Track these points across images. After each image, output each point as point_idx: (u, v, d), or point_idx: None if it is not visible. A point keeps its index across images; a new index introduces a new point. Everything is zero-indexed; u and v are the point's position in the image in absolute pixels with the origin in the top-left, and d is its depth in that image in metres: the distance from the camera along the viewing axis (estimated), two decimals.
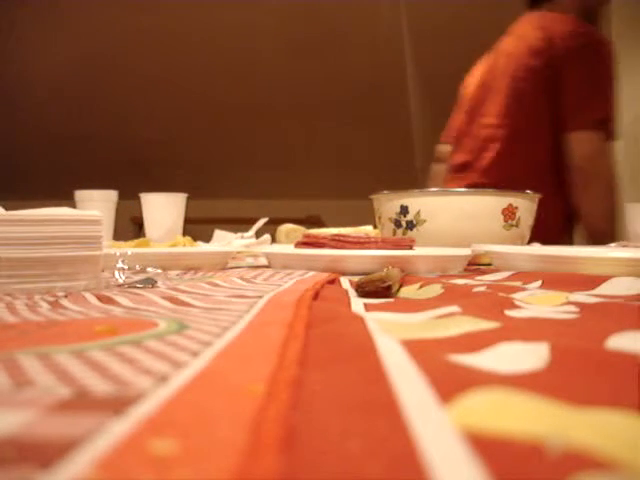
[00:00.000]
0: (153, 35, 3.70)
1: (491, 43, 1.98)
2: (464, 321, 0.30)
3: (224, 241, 1.20)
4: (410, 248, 0.72)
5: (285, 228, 1.23)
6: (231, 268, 0.76)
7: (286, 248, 0.81)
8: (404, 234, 0.88)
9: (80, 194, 1.24)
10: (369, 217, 1.04)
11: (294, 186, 4.61)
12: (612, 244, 1.04)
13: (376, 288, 0.45)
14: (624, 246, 1.03)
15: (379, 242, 0.73)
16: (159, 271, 0.63)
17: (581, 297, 0.40)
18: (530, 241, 0.95)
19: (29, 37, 3.65)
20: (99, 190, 1.25)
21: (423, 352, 0.23)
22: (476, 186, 1.22)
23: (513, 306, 0.36)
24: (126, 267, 0.57)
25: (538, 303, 0.38)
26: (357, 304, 0.40)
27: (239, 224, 1.91)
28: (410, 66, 3.83)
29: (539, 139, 1.42)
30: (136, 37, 3.70)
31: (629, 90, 3.00)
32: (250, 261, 0.93)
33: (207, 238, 1.27)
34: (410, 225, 0.88)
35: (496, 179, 1.30)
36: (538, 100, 1.40)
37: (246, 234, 1.22)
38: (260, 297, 0.38)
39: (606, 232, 1.39)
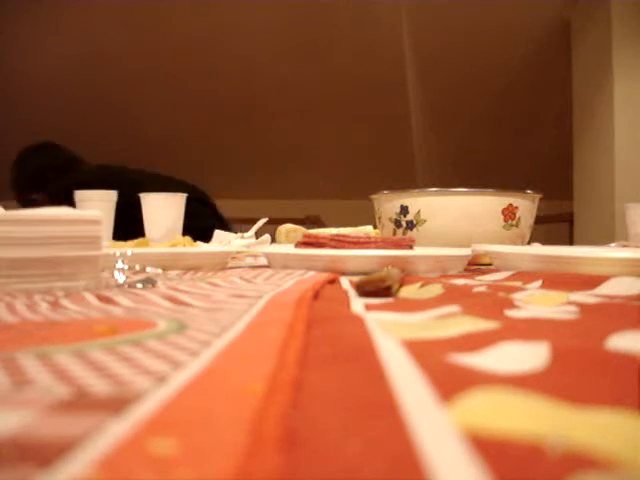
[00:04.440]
0: (153, 35, 3.70)
1: (491, 44, 1.98)
2: (464, 321, 0.30)
3: (224, 241, 1.20)
4: (410, 248, 0.72)
5: (285, 228, 1.23)
6: (231, 268, 0.76)
7: (286, 248, 0.81)
8: (404, 234, 0.88)
9: (80, 194, 1.24)
10: (369, 217, 1.04)
11: (294, 186, 4.61)
12: (612, 244, 1.04)
13: (376, 288, 0.45)
14: (624, 246, 1.03)
15: (379, 242, 0.73)
16: (159, 271, 0.63)
17: (581, 297, 0.40)
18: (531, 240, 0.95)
19: (28, 37, 3.65)
20: (99, 190, 1.25)
21: (423, 352, 0.23)
22: None
23: (513, 306, 0.36)
24: (126, 267, 0.57)
25: (538, 303, 0.38)
26: (357, 304, 0.40)
27: (239, 224, 1.91)
28: (410, 66, 3.83)
29: None
30: (136, 37, 3.70)
31: (628, 89, 3.00)
32: (250, 261, 0.93)
33: None
34: (410, 225, 0.87)
35: None
36: None
37: (246, 234, 1.22)
38: (260, 297, 0.38)
39: None
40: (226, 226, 1.76)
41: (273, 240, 1.24)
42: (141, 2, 3.51)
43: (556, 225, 3.72)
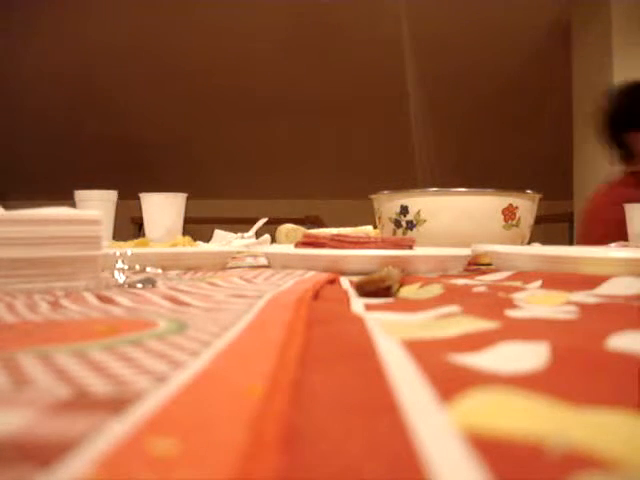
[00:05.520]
0: (153, 36, 3.70)
1: (490, 44, 1.98)
2: (464, 321, 0.30)
3: (224, 241, 1.20)
4: (410, 248, 0.72)
5: (285, 228, 1.23)
6: (231, 268, 0.76)
7: (286, 248, 0.81)
8: (404, 234, 0.88)
9: (80, 194, 1.23)
10: (369, 217, 1.04)
11: (294, 186, 4.62)
12: (612, 244, 1.04)
13: (376, 288, 0.45)
14: (624, 246, 1.03)
15: (379, 242, 0.73)
16: (159, 271, 0.63)
17: (581, 297, 0.40)
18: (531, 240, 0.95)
19: (30, 36, 3.65)
20: (99, 190, 1.24)
21: (423, 352, 0.23)
22: None
23: (513, 306, 0.36)
24: (126, 267, 0.57)
25: (538, 303, 0.38)
26: (357, 304, 0.40)
27: (239, 224, 1.91)
28: (410, 66, 3.84)
29: None
30: (136, 38, 3.70)
31: None
32: (250, 261, 0.93)
33: (207, 238, 1.27)
34: (410, 225, 0.88)
35: None
36: None
37: (246, 234, 1.22)
38: (260, 297, 0.38)
39: None
40: None
41: (273, 240, 1.24)
42: (141, 2, 3.51)
43: (556, 225, 3.72)
